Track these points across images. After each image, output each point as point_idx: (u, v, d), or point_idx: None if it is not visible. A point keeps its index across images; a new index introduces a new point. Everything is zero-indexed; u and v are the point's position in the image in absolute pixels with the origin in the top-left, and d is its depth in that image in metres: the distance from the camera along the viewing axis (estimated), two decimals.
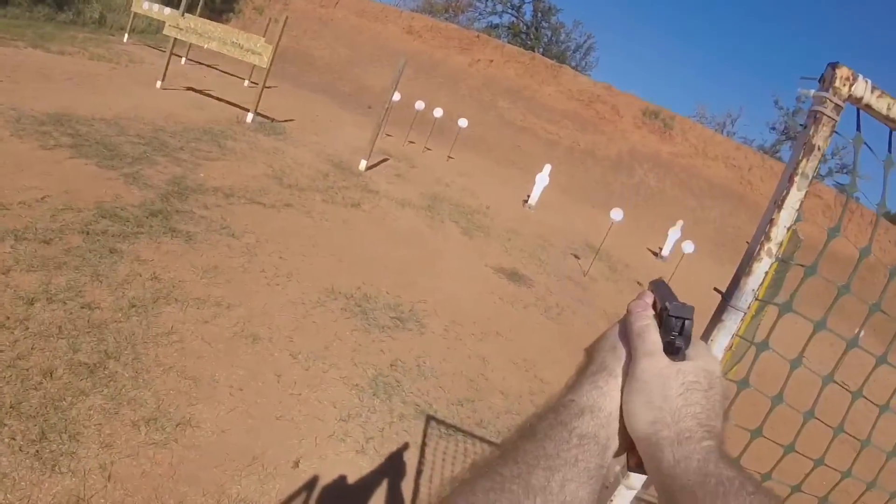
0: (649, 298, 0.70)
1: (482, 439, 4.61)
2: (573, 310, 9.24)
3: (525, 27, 42.30)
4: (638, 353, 0.63)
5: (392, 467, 3.87)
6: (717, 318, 1.19)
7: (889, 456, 1.58)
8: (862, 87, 1.11)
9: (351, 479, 3.64)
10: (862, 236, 21.70)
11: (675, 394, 0.59)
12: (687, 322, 0.64)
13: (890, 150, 1.15)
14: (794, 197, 1.11)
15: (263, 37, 14.00)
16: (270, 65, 13.18)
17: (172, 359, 4.11)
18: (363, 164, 12.64)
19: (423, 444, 4.20)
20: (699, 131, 27.16)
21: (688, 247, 13.57)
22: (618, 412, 0.62)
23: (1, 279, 4.31)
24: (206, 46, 14.06)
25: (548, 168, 16.08)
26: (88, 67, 13.42)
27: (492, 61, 28.63)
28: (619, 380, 0.63)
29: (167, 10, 15.36)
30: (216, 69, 19.28)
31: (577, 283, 10.91)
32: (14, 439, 3.00)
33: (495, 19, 42.94)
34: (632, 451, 0.64)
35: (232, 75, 18.95)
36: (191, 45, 16.48)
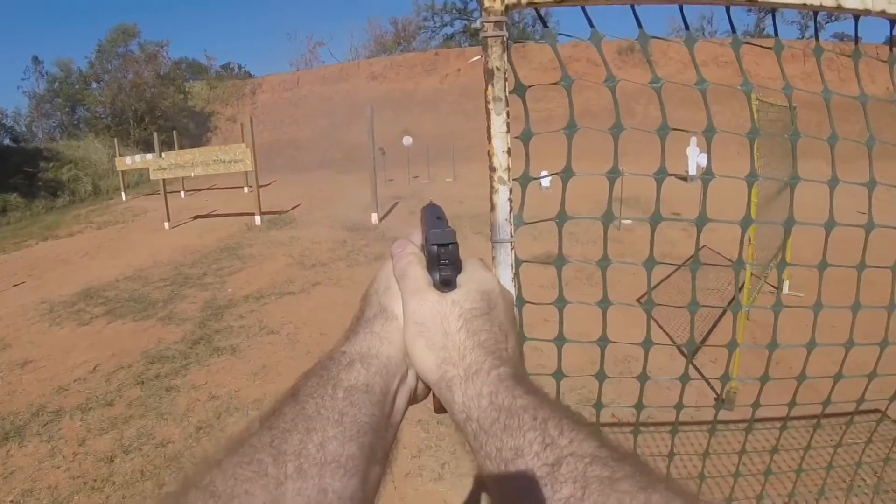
0: (415, 234, 0.68)
1: None
2: (613, 268, 9.21)
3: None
4: (406, 294, 0.60)
5: (473, 481, 3.98)
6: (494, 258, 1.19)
7: None
8: None
9: None
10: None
11: (455, 328, 0.57)
12: (451, 247, 0.61)
13: (592, 25, 1.16)
14: (499, 122, 1.11)
15: (243, 142, 14.44)
16: (255, 165, 13.63)
17: None
18: (375, 218, 12.93)
19: None
20: (677, 47, 26.80)
21: (702, 160, 13.40)
22: (399, 355, 0.59)
23: (80, 450, 4.71)
24: (193, 175, 14.65)
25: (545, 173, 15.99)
26: (99, 237, 14.17)
27: (459, 70, 28.94)
28: (400, 321, 0.60)
29: (148, 156, 16.08)
30: (215, 189, 19.98)
31: (613, 239, 10.84)
32: None
33: (448, 30, 43.30)
34: (434, 394, 0.60)
35: (231, 188, 19.61)
36: (183, 178, 17.17)
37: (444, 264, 0.61)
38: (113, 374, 6.10)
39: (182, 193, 19.29)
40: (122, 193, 20.91)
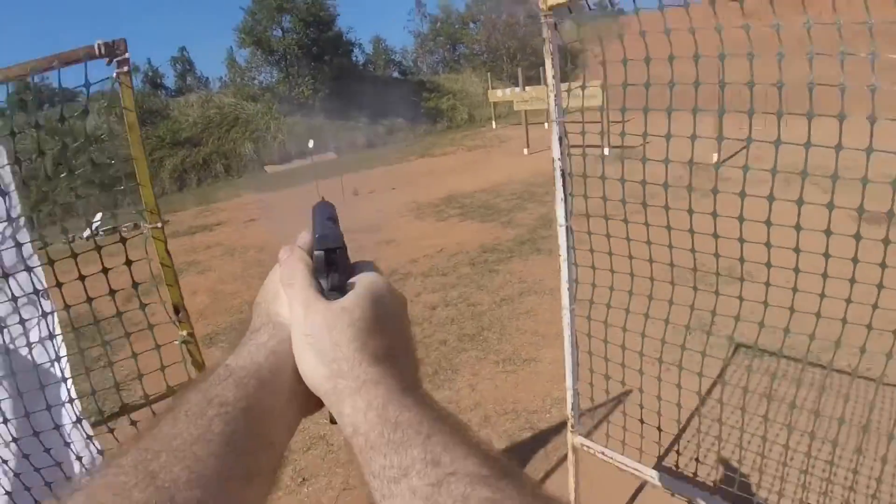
0: (302, 238, 0.65)
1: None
2: None
3: None
4: (293, 303, 0.56)
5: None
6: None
7: None
8: None
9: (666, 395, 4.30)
10: None
11: (346, 339, 0.52)
12: (339, 252, 0.59)
13: None
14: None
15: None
16: (605, 102, 14.25)
17: (528, 325, 5.61)
18: (714, 158, 12.68)
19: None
20: None
21: None
22: (287, 367, 0.55)
23: (415, 299, 6.53)
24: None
25: None
26: (467, 158, 16.61)
27: None
28: (289, 331, 0.56)
29: (516, 89, 17.77)
30: (577, 123, 21.16)
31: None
32: None
33: None
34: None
35: (592, 122, 20.52)
36: (546, 111, 18.52)
37: (332, 270, 0.59)
38: (453, 256, 7.87)
39: (546, 125, 20.86)
40: (493, 122, 23.38)
